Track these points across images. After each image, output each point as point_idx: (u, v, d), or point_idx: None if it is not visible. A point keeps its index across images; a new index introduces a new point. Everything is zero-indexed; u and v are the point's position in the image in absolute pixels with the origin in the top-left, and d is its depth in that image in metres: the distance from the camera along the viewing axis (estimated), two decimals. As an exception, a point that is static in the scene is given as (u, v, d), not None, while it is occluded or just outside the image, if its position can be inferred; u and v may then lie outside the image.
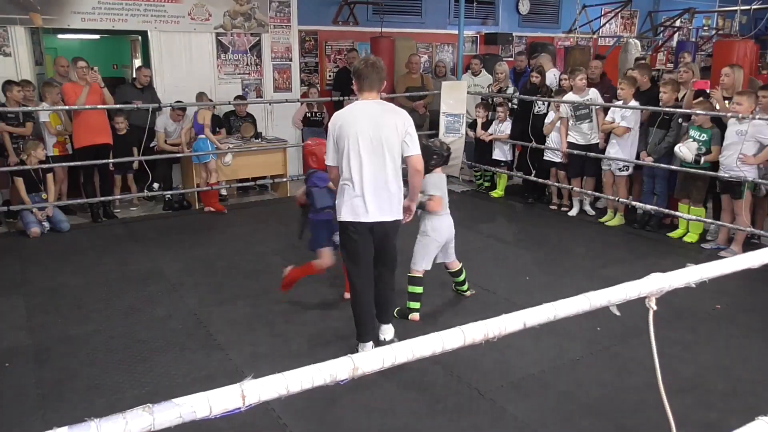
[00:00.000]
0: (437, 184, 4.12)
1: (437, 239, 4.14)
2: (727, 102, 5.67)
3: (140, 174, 6.97)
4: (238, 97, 7.71)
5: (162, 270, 5.13)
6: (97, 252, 5.62)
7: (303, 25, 8.57)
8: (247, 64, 8.17)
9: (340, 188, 3.43)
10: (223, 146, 7.09)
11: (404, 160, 3.41)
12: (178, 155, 7.04)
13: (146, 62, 7.61)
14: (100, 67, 6.90)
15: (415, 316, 4.12)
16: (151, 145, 7.02)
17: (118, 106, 6.67)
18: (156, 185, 6.93)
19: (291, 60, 8.52)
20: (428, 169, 3.93)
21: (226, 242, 5.92)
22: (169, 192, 7.05)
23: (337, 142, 3.38)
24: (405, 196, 3.57)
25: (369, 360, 1.20)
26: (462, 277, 4.49)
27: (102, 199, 6.59)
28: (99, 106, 6.28)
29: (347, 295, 4.18)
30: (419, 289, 4.13)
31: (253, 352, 3.70)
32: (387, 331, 3.74)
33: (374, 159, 3.31)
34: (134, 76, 7.59)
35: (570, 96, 6.64)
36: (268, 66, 8.29)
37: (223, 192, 7.58)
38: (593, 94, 6.55)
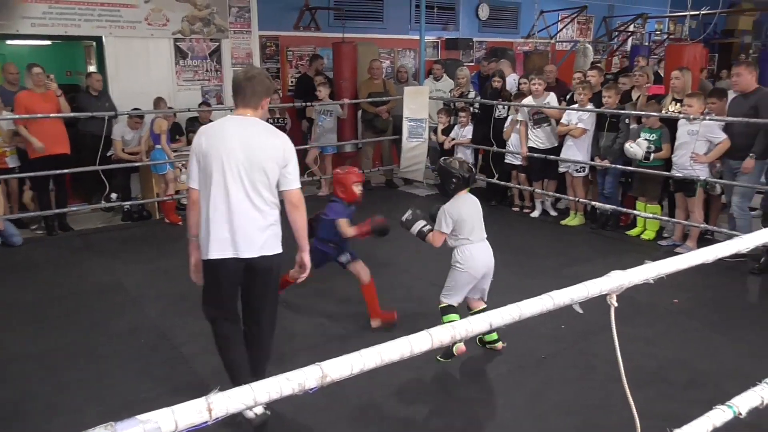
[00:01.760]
0: (449, 212, 3.52)
1: (470, 272, 3.55)
2: (678, 104, 5.87)
3: (97, 184, 6.78)
4: (203, 104, 7.60)
5: (122, 282, 5.01)
6: (53, 266, 5.45)
7: (264, 31, 8.51)
8: (207, 71, 8.06)
9: (202, 217, 2.83)
10: (183, 155, 6.97)
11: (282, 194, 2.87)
12: (137, 164, 6.89)
13: (101, 69, 7.44)
14: (54, 74, 6.70)
15: (461, 347, 3.56)
16: (108, 154, 6.84)
17: (72, 114, 6.48)
18: (114, 195, 6.76)
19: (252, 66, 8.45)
20: (449, 193, 3.56)
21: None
22: (128, 202, 6.89)
23: (200, 162, 2.80)
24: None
25: (337, 367, 1.20)
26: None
27: (57, 211, 6.40)
28: (51, 115, 6.09)
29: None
30: (455, 317, 3.51)
31: (219, 364, 3.62)
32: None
33: (242, 186, 2.75)
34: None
35: (528, 101, 6.76)
36: (228, 72, 8.19)
37: (185, 201, 7.44)
38: (552, 99, 6.68)
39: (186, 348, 3.84)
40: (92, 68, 7.92)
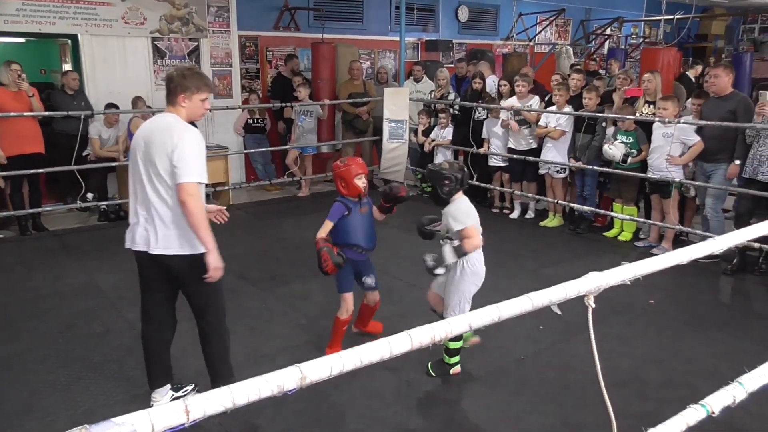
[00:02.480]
0: (465, 211, 3.32)
1: (476, 282, 3.39)
2: (651, 106, 5.97)
3: (73, 184, 6.67)
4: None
5: (98, 284, 4.93)
6: (26, 267, 5.35)
7: (243, 31, 8.45)
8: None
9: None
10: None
11: None
12: (114, 164, 6.79)
13: (77, 67, 7.32)
14: (27, 72, 6.57)
15: (456, 369, 3.50)
16: (84, 153, 6.74)
17: (47, 113, 6.38)
18: (90, 195, 6.66)
19: (231, 66, 8.38)
20: (444, 199, 3.36)
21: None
22: (105, 202, 6.79)
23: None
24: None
25: (317, 368, 1.19)
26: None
27: (31, 211, 6.28)
28: (26, 114, 5.99)
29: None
30: (457, 344, 3.43)
31: (197, 366, 3.59)
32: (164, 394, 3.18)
33: (138, 180, 2.88)
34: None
35: (512, 101, 6.82)
36: (207, 72, 8.10)
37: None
38: (535, 102, 6.74)
39: (163, 350, 3.79)
40: (68, 66, 7.79)
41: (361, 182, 3.50)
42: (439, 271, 3.28)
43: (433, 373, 3.46)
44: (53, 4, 6.87)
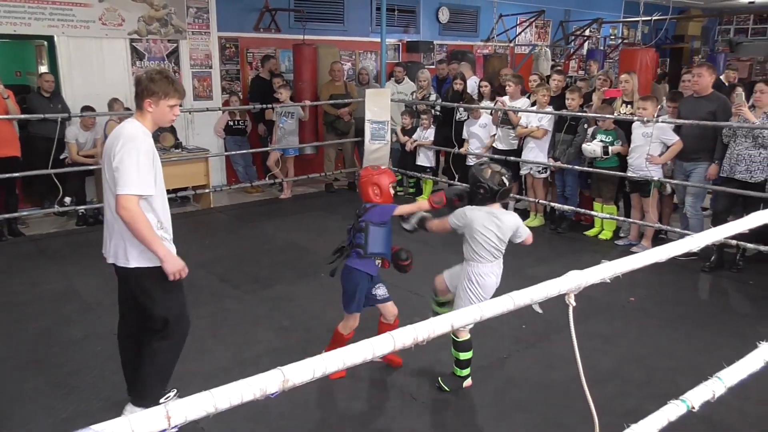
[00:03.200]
0: (483, 223, 3.14)
1: (480, 294, 3.21)
2: (629, 105, 6.05)
3: (50, 188, 6.57)
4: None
5: (77, 289, 4.86)
6: (3, 273, 5.25)
7: (223, 32, 8.39)
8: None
9: None
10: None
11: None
12: (92, 167, 6.70)
13: (54, 69, 7.21)
14: (2, 74, 6.46)
15: (468, 382, 3.38)
16: (62, 157, 6.64)
17: (23, 116, 6.27)
18: (68, 199, 6.56)
19: (211, 67, 8.32)
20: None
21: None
22: (83, 206, 6.70)
23: None
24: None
25: (300, 371, 1.19)
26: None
27: (7, 216, 6.17)
28: (1, 116, 5.88)
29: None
30: (468, 355, 3.30)
31: (178, 370, 3.55)
32: (129, 408, 3.05)
33: (106, 189, 2.80)
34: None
35: (506, 101, 6.87)
36: (187, 73, 8.05)
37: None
38: (522, 103, 6.79)
39: (144, 355, 3.75)
40: (44, 68, 7.67)
41: (392, 192, 3.29)
42: (405, 225, 3.36)
43: (446, 388, 3.32)
44: (28, 5, 6.76)
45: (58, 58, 7.13)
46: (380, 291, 3.40)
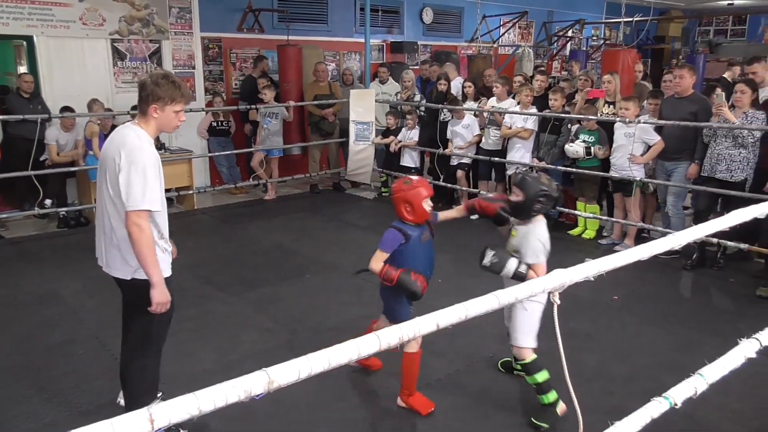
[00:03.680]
0: (543, 243, 2.98)
1: (543, 303, 2.97)
2: (612, 106, 6.11)
3: (30, 190, 6.47)
4: (135, 107, 7.35)
5: (59, 292, 4.80)
6: (-18, 276, 5.17)
7: (206, 32, 8.33)
8: (147, 72, 7.83)
9: None
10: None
11: None
12: (73, 169, 6.61)
13: (33, 70, 7.11)
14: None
15: (562, 407, 3.05)
16: (42, 158, 6.55)
17: (2, 117, 6.18)
18: (48, 202, 6.48)
19: (194, 68, 8.26)
20: (528, 214, 2.99)
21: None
22: (64, 209, 6.62)
23: None
24: None
25: (285, 372, 1.18)
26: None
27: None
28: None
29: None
30: (544, 375, 3.02)
31: (162, 372, 3.52)
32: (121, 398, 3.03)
33: (99, 197, 2.72)
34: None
35: (492, 102, 6.89)
36: (169, 74, 7.98)
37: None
38: (508, 104, 6.82)
39: (128, 358, 3.71)
40: (23, 69, 7.57)
41: (428, 206, 3.02)
42: (495, 269, 2.94)
43: (545, 425, 3.00)
44: (6, 5, 6.66)
45: (38, 59, 7.03)
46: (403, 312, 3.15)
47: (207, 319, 4.27)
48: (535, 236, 2.95)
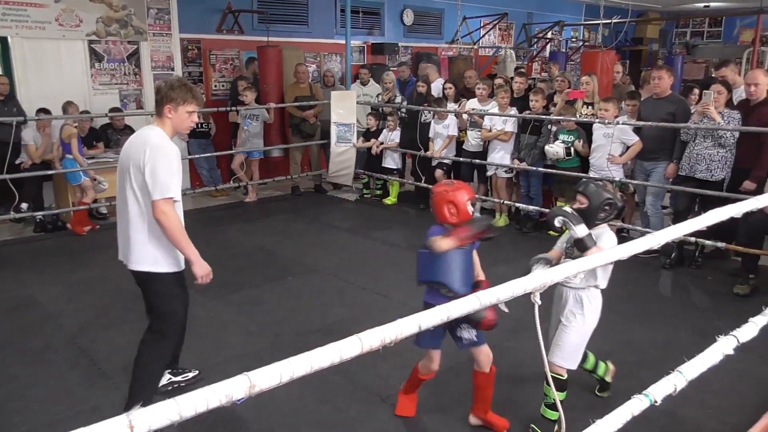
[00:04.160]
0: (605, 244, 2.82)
1: (595, 322, 2.98)
2: (590, 107, 6.18)
3: (5, 194, 6.34)
4: (114, 110, 7.26)
5: (36, 297, 4.71)
6: (-44, 282, 5.07)
7: (185, 33, 8.26)
8: (125, 74, 7.74)
9: None
10: (101, 163, 6.64)
11: None
12: (50, 172, 6.50)
13: (8, 71, 6.98)
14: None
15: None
16: (17, 162, 6.43)
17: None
18: (24, 205, 6.36)
19: (173, 69, 8.18)
20: (593, 223, 2.86)
21: (110, 263, 5.47)
22: (41, 213, 6.50)
23: None
24: None
25: (266, 376, 1.17)
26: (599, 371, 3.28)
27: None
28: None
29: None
30: (562, 396, 2.90)
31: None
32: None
33: (121, 196, 2.94)
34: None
35: (473, 103, 6.92)
36: (148, 75, 7.90)
37: (104, 210, 7.12)
38: (493, 106, 6.85)
39: (108, 364, 3.66)
40: (-3, 70, 7.43)
41: (471, 209, 2.85)
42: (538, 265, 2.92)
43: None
44: (-20, 6, 6.55)
45: (13, 60, 6.91)
46: (465, 334, 2.89)
47: (188, 322, 4.20)
48: (602, 244, 2.80)
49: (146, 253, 2.90)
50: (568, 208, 2.79)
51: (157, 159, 2.78)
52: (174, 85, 2.92)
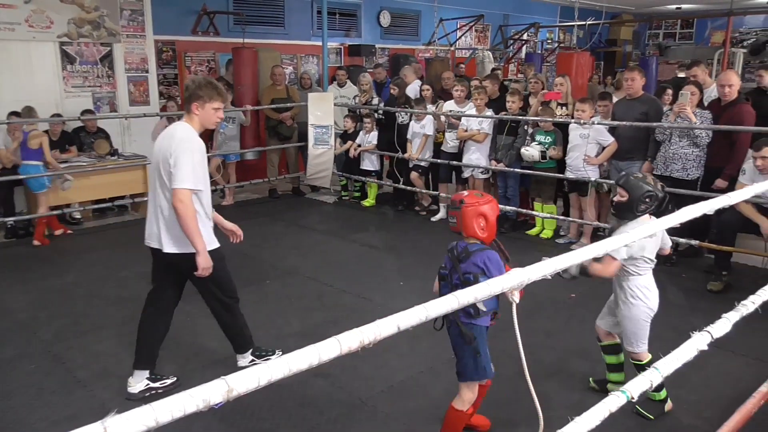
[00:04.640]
0: (649, 237, 2.82)
1: (650, 306, 3.10)
2: (564, 107, 6.25)
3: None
4: (86, 112, 7.14)
5: (8, 305, 4.61)
6: (-76, 290, 4.93)
7: (159, 35, 8.16)
8: (98, 76, 7.61)
9: None
10: (74, 166, 6.53)
11: None
12: (20, 177, 6.35)
13: (-23, 74, 6.84)
14: None
15: (669, 405, 3.21)
16: (-13, 166, 6.29)
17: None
18: (-6, 211, 6.22)
19: (148, 72, 8.07)
20: (632, 215, 2.96)
21: (85, 269, 5.44)
22: (12, 218, 6.37)
23: None
24: None
25: (244, 380, 1.16)
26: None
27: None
28: None
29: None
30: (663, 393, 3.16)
31: (120, 385, 3.43)
32: (240, 359, 3.65)
33: (152, 186, 3.26)
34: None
35: (451, 105, 6.94)
36: (122, 78, 7.78)
37: (77, 215, 6.99)
38: (470, 107, 6.89)
39: (83, 371, 3.60)
40: (-34, 73, 7.25)
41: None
42: (564, 275, 2.98)
43: (650, 415, 3.13)
44: (-53, 7, 6.39)
45: (-19, 63, 6.76)
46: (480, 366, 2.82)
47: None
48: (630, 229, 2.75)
49: (182, 237, 3.12)
50: None
51: (182, 151, 3.02)
52: (201, 84, 3.16)
